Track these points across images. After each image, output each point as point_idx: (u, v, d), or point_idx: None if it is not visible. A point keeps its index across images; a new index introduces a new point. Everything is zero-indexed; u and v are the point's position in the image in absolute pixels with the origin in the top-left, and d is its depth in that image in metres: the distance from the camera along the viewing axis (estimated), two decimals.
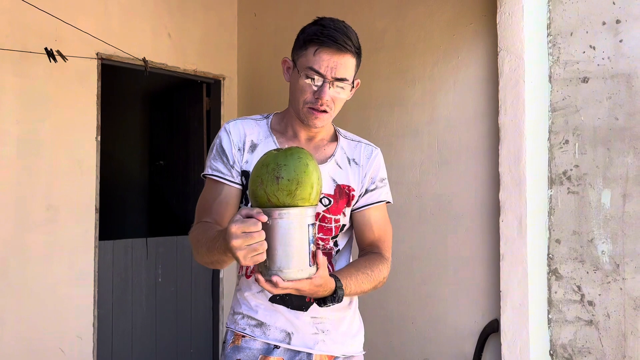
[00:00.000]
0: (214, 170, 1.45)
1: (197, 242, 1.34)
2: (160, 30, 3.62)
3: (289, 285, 1.13)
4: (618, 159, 2.47)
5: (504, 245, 2.58)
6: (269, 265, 1.12)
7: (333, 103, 1.40)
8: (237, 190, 1.44)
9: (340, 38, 1.35)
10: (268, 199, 1.13)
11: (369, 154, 1.53)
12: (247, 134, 1.46)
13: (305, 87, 1.38)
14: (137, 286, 3.58)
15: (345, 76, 1.37)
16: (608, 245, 2.48)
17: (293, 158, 1.15)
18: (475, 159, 2.80)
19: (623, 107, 2.46)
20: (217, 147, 1.46)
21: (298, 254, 1.11)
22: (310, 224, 1.14)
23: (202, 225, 1.38)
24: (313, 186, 1.15)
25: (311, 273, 1.15)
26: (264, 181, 1.14)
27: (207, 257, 1.29)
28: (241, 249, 1.07)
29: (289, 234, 1.10)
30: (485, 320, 2.75)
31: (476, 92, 2.81)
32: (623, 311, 2.44)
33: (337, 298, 1.27)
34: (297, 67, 1.40)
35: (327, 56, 1.35)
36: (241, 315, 1.49)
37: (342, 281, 1.29)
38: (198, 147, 4.06)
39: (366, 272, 1.38)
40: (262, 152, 1.42)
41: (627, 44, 2.46)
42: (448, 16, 2.92)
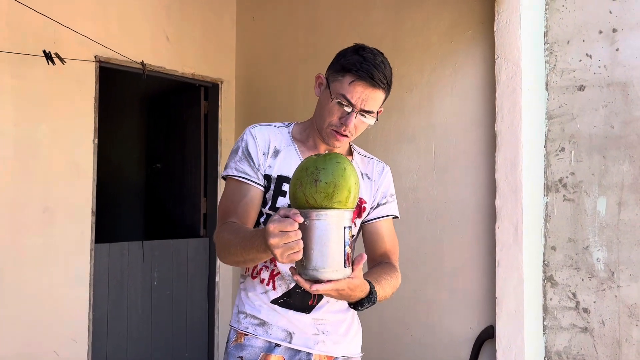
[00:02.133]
0: (240, 172, 1.50)
1: (227, 241, 1.38)
2: (158, 33, 3.62)
3: (328, 287, 1.16)
4: (614, 167, 2.48)
5: (500, 252, 2.59)
6: (305, 265, 1.16)
7: (355, 130, 1.48)
8: (261, 192, 1.50)
9: (377, 75, 1.41)
10: (306, 201, 1.17)
11: (381, 170, 1.63)
12: (271, 139, 1.53)
13: (333, 110, 1.45)
14: (132, 289, 3.57)
15: (372, 109, 1.45)
16: (603, 253, 2.49)
17: (332, 162, 1.20)
18: (471, 166, 2.81)
19: (619, 115, 2.48)
20: (242, 149, 1.51)
21: (333, 255, 1.15)
22: (347, 227, 1.18)
23: (231, 225, 1.42)
24: (350, 190, 1.19)
25: (346, 274, 1.18)
26: (303, 183, 1.18)
27: (242, 255, 1.33)
28: (278, 247, 1.11)
29: (325, 234, 1.14)
30: (481, 326, 2.76)
31: (473, 98, 2.82)
32: (618, 318, 2.45)
33: (372, 299, 1.30)
34: (330, 88, 1.46)
35: (361, 89, 1.41)
36: (244, 314, 1.54)
37: (373, 284, 1.32)
38: (195, 151, 4.06)
39: (387, 277, 1.43)
40: (284, 159, 1.51)
41: (624, 53, 2.47)
42: (446, 23, 2.94)
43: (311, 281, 1.16)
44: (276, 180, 1.49)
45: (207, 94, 4.03)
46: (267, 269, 1.51)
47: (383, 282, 1.39)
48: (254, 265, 1.53)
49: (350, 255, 1.19)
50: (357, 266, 1.21)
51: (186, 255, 3.84)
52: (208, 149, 4.02)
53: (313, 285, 1.16)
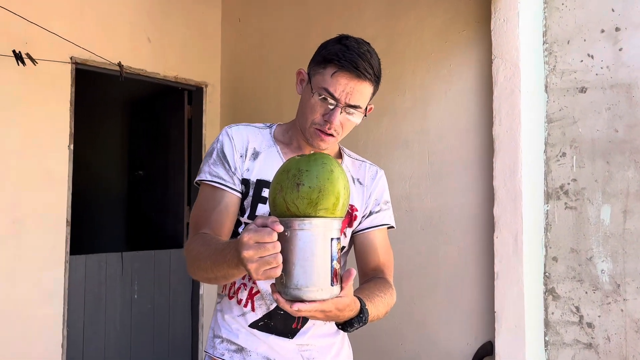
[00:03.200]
0: (214, 176, 1.33)
1: (197, 255, 1.21)
2: (139, 34, 3.46)
3: (312, 308, 1.00)
4: (618, 173, 2.35)
5: (499, 264, 2.44)
6: (286, 282, 1.00)
7: (341, 128, 1.32)
8: (237, 198, 1.33)
9: (361, 65, 1.26)
10: (287, 208, 1.01)
11: (374, 174, 1.47)
12: (249, 140, 1.37)
13: (315, 106, 1.30)
14: (110, 304, 3.38)
15: (359, 103, 1.29)
16: (608, 264, 2.35)
17: (317, 164, 1.04)
18: (468, 172, 2.66)
19: (623, 118, 2.35)
20: (217, 151, 1.35)
21: (318, 271, 0.99)
22: (334, 238, 1.01)
23: (203, 237, 1.25)
24: (338, 195, 1.03)
25: (333, 293, 1.02)
26: (283, 188, 1.02)
27: (212, 271, 1.16)
28: (253, 260, 0.96)
29: (308, 247, 0.98)
30: (479, 342, 2.60)
31: (469, 101, 2.68)
32: (624, 334, 2.30)
33: (363, 319, 1.14)
34: (311, 83, 1.31)
35: (345, 81, 1.26)
36: (220, 339, 1.38)
37: (365, 302, 1.16)
38: (179, 157, 3.89)
39: (380, 295, 1.26)
40: (264, 161, 1.35)
41: (627, 53, 2.35)
42: (440, 23, 2.80)
43: (292, 301, 1.00)
44: (255, 185, 1.33)
45: (191, 98, 3.87)
46: (246, 287, 1.34)
47: (376, 300, 1.23)
48: (231, 283, 1.37)
49: (339, 272, 1.02)
50: (346, 284, 1.05)
51: (168, 266, 3.66)
52: (192, 155, 3.85)
53: (294, 304, 0.99)
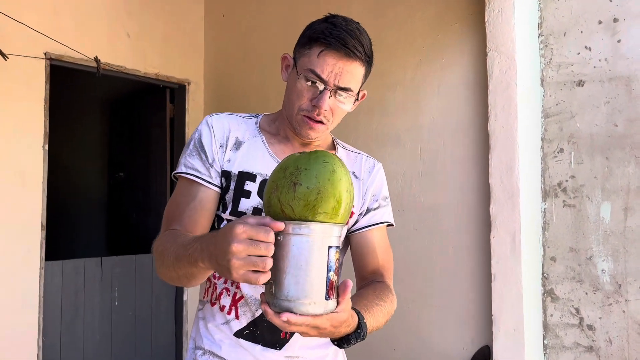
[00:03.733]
0: (190, 168, 1.22)
1: (163, 251, 1.08)
2: (117, 29, 3.32)
3: (304, 322, 0.88)
4: (618, 169, 2.27)
5: (496, 264, 2.34)
6: (275, 292, 0.88)
7: (332, 114, 1.20)
8: (214, 193, 1.21)
9: (350, 42, 1.15)
10: (282, 209, 0.91)
11: (371, 167, 1.35)
12: (231, 129, 1.25)
13: (302, 91, 1.18)
14: (89, 311, 3.23)
15: (349, 86, 1.17)
16: (609, 264, 2.27)
17: (317, 162, 0.93)
18: (462, 169, 2.57)
19: (622, 112, 2.27)
20: (195, 141, 1.24)
21: (312, 282, 0.88)
22: (333, 247, 0.90)
23: (171, 233, 1.13)
24: (339, 199, 0.92)
25: (328, 309, 0.90)
26: (279, 187, 0.92)
27: (174, 268, 1.04)
28: (239, 257, 0.84)
29: (302, 255, 0.88)
30: (476, 346, 2.50)
31: (463, 96, 2.59)
32: (626, 336, 2.22)
33: (361, 335, 1.03)
34: (297, 66, 1.20)
35: (333, 60, 1.15)
36: (202, 350, 1.25)
37: (362, 314, 1.05)
38: (161, 158, 3.74)
39: (379, 303, 1.15)
40: (248, 151, 1.23)
41: (626, 45, 2.27)
42: (431, 15, 2.71)
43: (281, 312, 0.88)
44: (237, 178, 1.21)
45: (173, 96, 3.72)
46: (229, 292, 1.21)
47: (374, 310, 1.11)
48: (213, 288, 1.24)
49: (335, 284, 0.91)
50: (343, 297, 0.93)
51: (150, 271, 3.52)
52: (174, 155, 3.71)
53: (283, 314, 0.87)
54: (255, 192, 1.21)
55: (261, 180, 1.21)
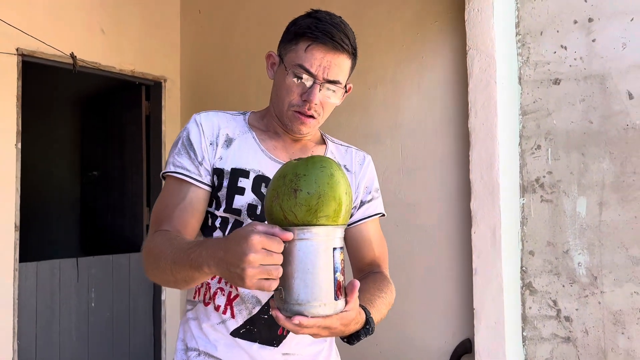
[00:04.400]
0: (178, 167, 1.21)
1: (157, 254, 1.07)
2: (92, 25, 3.25)
3: (315, 323, 0.91)
4: (593, 165, 2.33)
5: (477, 259, 2.39)
6: (285, 297, 0.91)
7: (322, 108, 1.22)
8: (204, 192, 1.21)
9: (337, 35, 1.17)
10: (284, 217, 0.93)
11: (362, 160, 1.38)
12: (221, 126, 1.25)
13: (292, 87, 1.19)
14: (65, 313, 3.16)
15: (338, 78, 1.19)
16: (585, 257, 2.34)
17: (315, 168, 0.96)
18: (443, 166, 2.61)
19: (597, 109, 2.34)
20: (183, 139, 1.23)
21: (320, 285, 0.91)
22: (337, 248, 0.94)
23: (164, 235, 1.12)
24: (339, 201, 0.94)
25: (337, 308, 0.93)
26: (280, 195, 0.94)
27: (172, 273, 1.03)
28: (254, 266, 0.86)
29: (309, 259, 0.91)
30: (457, 339, 2.55)
31: (443, 94, 2.62)
32: (602, 327, 2.29)
33: (370, 330, 1.06)
34: (284, 63, 1.21)
35: (320, 54, 1.17)
36: (197, 352, 1.24)
37: (368, 309, 1.07)
38: (136, 156, 3.69)
39: (381, 295, 1.18)
40: (239, 148, 1.23)
41: (601, 44, 2.33)
42: (410, 14, 2.74)
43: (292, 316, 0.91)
44: (230, 175, 1.21)
45: (149, 94, 3.67)
46: (223, 292, 1.21)
47: (377, 303, 1.14)
48: (206, 288, 1.24)
49: (342, 284, 0.94)
50: (351, 297, 0.96)
51: (128, 271, 3.46)
52: (151, 153, 3.66)
53: (295, 318, 0.89)
54: (249, 188, 1.21)
55: (254, 176, 1.22)
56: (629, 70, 2.26)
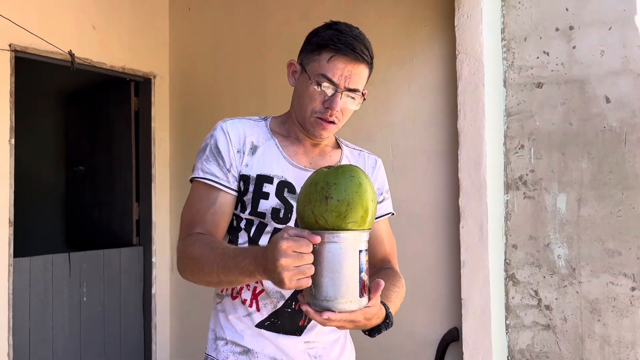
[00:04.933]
0: (207, 173, 1.29)
1: (199, 258, 1.18)
2: (83, 21, 3.26)
3: (342, 317, 1.02)
4: (573, 164, 2.50)
5: (465, 252, 2.53)
6: (315, 294, 1.02)
7: (342, 114, 1.30)
8: (232, 197, 1.30)
9: (357, 47, 1.26)
10: (316, 221, 1.03)
11: (374, 163, 1.48)
12: (246, 134, 1.33)
13: (315, 95, 1.28)
14: (58, 308, 3.19)
15: (358, 87, 1.28)
16: (564, 250, 2.50)
17: (345, 177, 1.04)
18: (432, 164, 2.74)
19: (577, 112, 2.50)
20: (211, 147, 1.31)
21: (347, 283, 1.01)
22: (363, 250, 1.04)
23: (202, 238, 1.21)
24: (366, 208, 1.04)
25: (362, 304, 1.04)
26: (312, 201, 1.04)
27: (218, 275, 1.14)
28: (289, 269, 0.97)
29: (337, 260, 1.01)
30: (444, 328, 2.69)
31: (433, 95, 2.75)
32: (580, 314, 2.46)
33: (390, 323, 1.16)
34: (307, 72, 1.29)
35: (342, 65, 1.25)
36: (224, 341, 1.33)
37: (387, 304, 1.17)
38: (125, 151, 3.71)
39: (395, 290, 1.28)
40: (263, 155, 1.32)
41: (580, 51, 2.49)
42: (401, 17, 2.85)
43: (321, 311, 1.02)
44: (255, 181, 1.29)
45: (138, 90, 3.69)
46: (249, 287, 1.31)
47: (393, 297, 1.25)
48: None
49: (366, 283, 1.05)
50: (375, 295, 1.07)
51: (118, 266, 3.50)
52: (140, 149, 3.69)
53: (324, 313, 1.01)
54: (273, 193, 1.29)
55: (278, 182, 1.30)
56: (607, 76, 2.43)
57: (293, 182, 1.31)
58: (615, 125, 2.40)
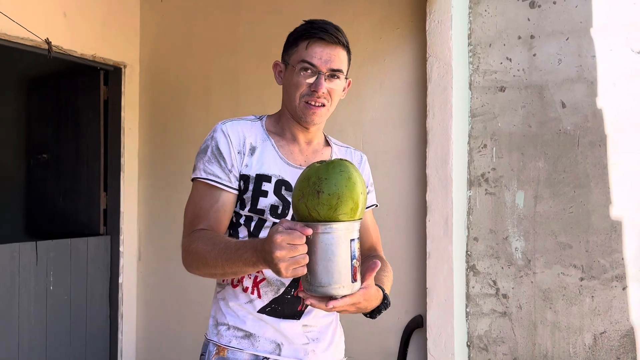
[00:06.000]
0: (210, 174, 1.37)
1: (203, 252, 1.26)
2: (54, 8, 3.22)
3: (345, 302, 1.12)
4: (531, 163, 2.69)
5: (431, 244, 2.69)
6: (310, 280, 1.11)
7: (330, 96, 1.39)
8: (234, 196, 1.38)
9: (331, 29, 1.37)
10: (309, 214, 1.11)
11: (359, 159, 1.58)
12: (246, 136, 1.41)
13: (300, 81, 1.37)
14: (24, 296, 3.16)
15: (340, 67, 1.38)
16: (521, 243, 2.70)
17: (335, 171, 1.12)
18: (401, 161, 2.88)
19: (535, 116, 2.69)
20: (212, 149, 1.38)
21: (340, 270, 1.10)
22: (354, 239, 1.13)
23: (205, 234, 1.30)
24: (356, 201, 1.12)
25: (354, 289, 1.13)
26: (305, 195, 1.11)
27: (222, 267, 1.23)
28: (284, 260, 1.06)
29: (330, 249, 1.09)
30: (409, 316, 2.85)
31: (403, 95, 2.89)
32: (533, 302, 2.67)
33: (388, 303, 1.27)
34: (290, 64, 1.39)
35: (320, 48, 1.35)
36: (226, 326, 1.41)
37: (382, 286, 1.28)
38: (93, 140, 3.68)
39: (385, 275, 1.38)
40: (260, 155, 1.40)
41: (540, 58, 2.68)
42: (375, 19, 2.97)
43: (318, 297, 1.12)
44: (255, 180, 1.38)
45: (108, 79, 3.67)
46: (250, 276, 1.39)
47: (385, 281, 1.36)
48: None
49: (358, 269, 1.14)
50: (370, 275, 1.18)
51: (85, 255, 3.49)
52: (109, 138, 3.67)
53: (329, 302, 1.11)
54: (272, 191, 1.38)
55: (276, 180, 1.39)
56: (563, 83, 2.63)
57: (290, 180, 1.40)
58: (570, 128, 2.61)
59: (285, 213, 1.38)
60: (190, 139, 3.45)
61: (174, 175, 3.57)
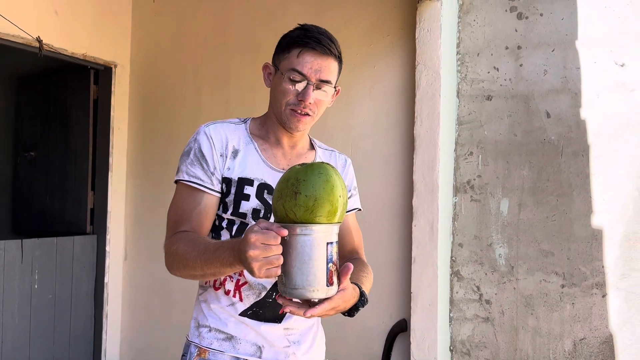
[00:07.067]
0: (192, 176, 1.37)
1: (183, 253, 1.26)
2: (45, 6, 3.21)
3: (323, 308, 1.14)
4: (515, 172, 2.74)
5: (416, 249, 2.72)
6: (285, 282, 1.10)
7: (316, 107, 1.39)
8: (216, 198, 1.38)
9: (324, 40, 1.36)
10: (286, 215, 1.11)
11: (344, 162, 1.59)
12: (228, 139, 1.41)
13: (288, 89, 1.37)
14: (9, 294, 3.14)
15: (329, 78, 1.38)
16: (504, 249, 2.74)
17: (313, 174, 1.12)
18: (389, 166, 2.91)
19: (521, 125, 2.74)
20: (195, 151, 1.38)
21: (315, 273, 1.09)
22: (331, 242, 1.12)
23: (186, 235, 1.30)
24: (334, 203, 1.11)
25: (329, 293, 1.13)
26: (283, 196, 1.11)
27: (202, 269, 1.23)
28: (257, 260, 1.05)
29: (305, 251, 1.08)
30: (393, 320, 2.87)
31: (392, 101, 2.92)
32: (516, 308, 2.71)
33: (365, 300, 1.28)
34: (279, 70, 1.38)
35: (311, 58, 1.35)
36: (207, 328, 1.42)
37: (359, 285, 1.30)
38: (82, 139, 3.68)
39: (364, 275, 1.40)
40: (243, 159, 1.40)
41: (526, 69, 2.73)
42: (365, 25, 3.01)
43: (296, 304, 1.13)
44: (237, 183, 1.38)
45: (98, 78, 3.67)
46: (232, 279, 1.40)
47: (364, 281, 1.37)
48: None
49: (334, 273, 1.13)
50: (345, 278, 1.18)
51: (71, 254, 3.48)
52: (97, 137, 3.67)
53: (307, 311, 1.12)
54: (254, 195, 1.39)
55: (258, 184, 1.40)
56: (548, 94, 2.68)
57: (272, 184, 1.40)
58: (554, 138, 2.66)
59: (267, 217, 1.39)
60: (180, 139, 3.45)
61: (162, 175, 3.57)
